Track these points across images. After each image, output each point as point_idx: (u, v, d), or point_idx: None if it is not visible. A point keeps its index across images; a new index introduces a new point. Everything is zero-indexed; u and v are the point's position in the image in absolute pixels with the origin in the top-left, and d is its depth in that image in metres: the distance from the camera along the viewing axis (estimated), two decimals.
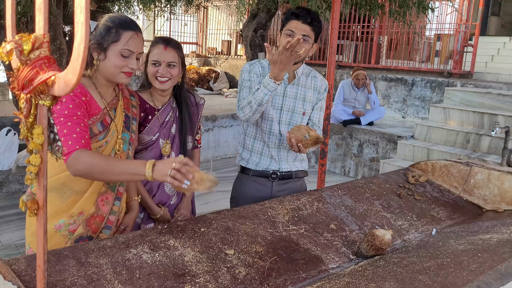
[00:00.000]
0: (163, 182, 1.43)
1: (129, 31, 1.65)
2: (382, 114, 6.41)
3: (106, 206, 1.75)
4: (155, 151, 2.07)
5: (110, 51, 1.63)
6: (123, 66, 1.65)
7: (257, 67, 2.26)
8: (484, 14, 8.91)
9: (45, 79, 0.81)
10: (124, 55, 1.64)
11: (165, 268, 1.39)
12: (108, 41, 1.62)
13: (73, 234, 1.70)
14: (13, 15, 0.92)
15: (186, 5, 7.05)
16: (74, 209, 1.70)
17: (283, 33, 2.17)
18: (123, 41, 1.63)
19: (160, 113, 2.07)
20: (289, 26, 2.15)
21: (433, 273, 1.45)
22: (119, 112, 1.79)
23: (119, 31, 1.63)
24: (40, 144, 0.86)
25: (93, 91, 1.66)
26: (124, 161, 1.52)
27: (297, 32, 2.10)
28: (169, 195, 2.16)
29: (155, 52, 2.00)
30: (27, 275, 1.22)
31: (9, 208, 4.20)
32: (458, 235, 1.92)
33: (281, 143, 2.27)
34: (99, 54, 1.64)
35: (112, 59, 1.63)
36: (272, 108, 2.23)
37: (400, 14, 4.65)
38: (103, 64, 1.65)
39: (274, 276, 1.50)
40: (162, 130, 2.08)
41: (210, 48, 12.78)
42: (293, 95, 2.25)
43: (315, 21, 2.14)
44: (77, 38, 0.73)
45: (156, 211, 2.10)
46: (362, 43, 8.93)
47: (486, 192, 2.40)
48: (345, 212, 2.03)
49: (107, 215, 1.75)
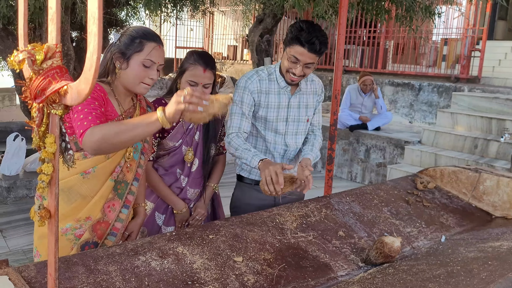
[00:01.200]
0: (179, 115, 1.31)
1: (152, 42, 1.68)
2: (389, 119, 6.39)
3: (112, 212, 1.75)
4: (178, 156, 2.11)
5: (133, 60, 1.65)
6: (144, 77, 1.67)
7: (255, 82, 2.15)
8: (491, 18, 8.86)
9: (57, 89, 0.82)
10: (146, 65, 1.66)
11: (174, 276, 1.39)
12: (131, 51, 1.65)
13: (79, 239, 1.71)
14: (25, 24, 0.93)
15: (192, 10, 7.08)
16: (81, 214, 1.70)
17: (287, 54, 2.06)
18: (146, 52, 1.66)
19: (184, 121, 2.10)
20: (294, 51, 2.03)
21: (443, 281, 1.44)
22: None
23: (142, 42, 1.66)
24: (52, 153, 0.87)
25: (111, 98, 1.69)
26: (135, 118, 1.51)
27: (302, 60, 2.03)
28: (190, 200, 2.20)
29: (194, 73, 2.02)
30: (37, 282, 1.23)
31: (16, 214, 4.22)
32: (468, 242, 1.91)
33: (285, 153, 2.27)
34: (122, 63, 1.67)
35: (134, 68, 1.66)
36: (278, 122, 2.21)
37: (406, 19, 4.63)
38: (125, 73, 1.67)
39: (283, 283, 1.49)
40: (186, 137, 2.12)
41: (216, 53, 12.82)
42: (296, 104, 2.24)
43: (324, 47, 2.03)
44: (90, 48, 0.73)
45: (181, 205, 2.14)
46: (368, 48, 8.93)
47: (495, 199, 2.38)
48: (354, 219, 2.02)
49: (113, 222, 1.76)
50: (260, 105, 2.16)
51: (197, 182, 2.20)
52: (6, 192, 4.49)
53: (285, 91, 2.19)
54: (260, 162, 1.93)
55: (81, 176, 1.68)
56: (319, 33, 2.00)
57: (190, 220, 2.20)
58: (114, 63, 1.68)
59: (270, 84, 2.17)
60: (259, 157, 1.95)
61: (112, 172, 1.73)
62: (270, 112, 2.17)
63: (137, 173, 1.82)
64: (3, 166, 4.64)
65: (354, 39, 9.13)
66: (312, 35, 1.98)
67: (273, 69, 2.20)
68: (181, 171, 2.14)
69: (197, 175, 2.19)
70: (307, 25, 2.00)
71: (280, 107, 2.19)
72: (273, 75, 2.19)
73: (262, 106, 2.16)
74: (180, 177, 2.15)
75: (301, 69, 2.06)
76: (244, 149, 2.01)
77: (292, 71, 2.08)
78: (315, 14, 4.90)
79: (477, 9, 7.52)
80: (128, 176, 1.79)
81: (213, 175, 2.27)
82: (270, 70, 2.21)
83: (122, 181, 1.77)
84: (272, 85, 2.17)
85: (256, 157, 1.96)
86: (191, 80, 2.03)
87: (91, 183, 1.69)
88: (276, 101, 2.17)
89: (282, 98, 2.19)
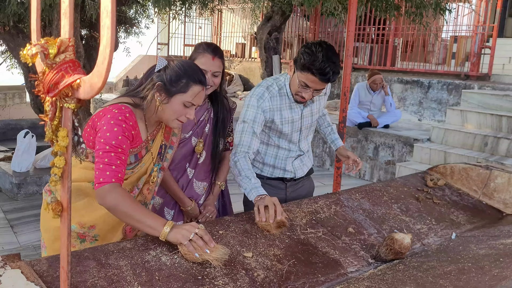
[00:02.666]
0: (177, 244, 1.44)
1: (198, 85, 1.64)
2: (398, 117, 6.36)
3: (133, 232, 1.81)
4: (187, 148, 2.12)
5: (175, 99, 1.62)
6: (182, 115, 1.65)
7: (267, 101, 2.10)
8: (502, 15, 8.78)
9: (70, 82, 0.82)
10: (187, 106, 1.64)
11: (184, 270, 1.39)
12: (176, 90, 1.61)
13: (82, 240, 1.72)
14: (38, 19, 0.94)
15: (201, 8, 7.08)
16: (85, 219, 1.71)
17: (298, 78, 1.99)
18: (191, 95, 1.63)
19: (196, 112, 2.10)
20: (306, 78, 1.96)
21: (454, 278, 1.43)
22: (157, 142, 1.78)
23: (189, 84, 1.62)
24: (64, 147, 0.87)
25: (140, 123, 1.65)
26: (146, 213, 1.49)
27: (313, 87, 1.98)
28: (198, 194, 2.21)
29: (203, 61, 2.01)
30: (49, 276, 1.24)
31: (27, 210, 4.26)
32: (479, 240, 1.90)
33: (298, 156, 2.29)
34: (163, 98, 1.62)
35: (175, 106, 1.62)
36: (293, 131, 2.21)
37: (416, 15, 4.60)
38: (163, 107, 1.63)
39: (293, 279, 1.49)
40: (196, 129, 2.13)
41: (225, 51, 12.78)
42: (309, 114, 2.24)
43: (336, 75, 1.96)
44: (103, 42, 0.74)
45: (187, 203, 2.15)
46: (377, 46, 8.88)
47: (506, 196, 2.36)
48: (363, 216, 2.02)
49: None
50: (273, 121, 2.14)
51: (204, 175, 2.20)
52: (16, 188, 4.53)
53: (297, 105, 2.16)
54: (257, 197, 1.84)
55: (91, 185, 1.67)
56: (333, 60, 1.90)
57: (200, 218, 2.20)
58: (153, 92, 1.62)
59: (281, 99, 2.13)
60: (257, 192, 1.84)
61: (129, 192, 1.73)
62: (285, 127, 2.17)
63: (155, 192, 1.88)
64: (13, 163, 4.68)
65: (363, 37, 9.09)
66: (325, 64, 1.88)
67: (282, 82, 2.14)
68: (188, 163, 2.15)
69: (204, 167, 2.19)
70: (321, 52, 1.89)
71: (294, 120, 2.18)
72: (283, 89, 2.13)
73: (276, 122, 2.14)
74: (187, 169, 2.15)
75: (310, 94, 2.02)
76: (245, 176, 1.92)
77: (301, 95, 2.04)
78: (324, 11, 4.88)
79: (488, 6, 7.45)
80: (148, 196, 1.83)
81: (220, 172, 2.28)
82: (280, 83, 2.14)
83: (141, 201, 1.79)
84: (283, 100, 2.13)
85: (254, 190, 1.86)
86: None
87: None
88: (290, 116, 2.16)
89: (295, 111, 2.17)
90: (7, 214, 4.17)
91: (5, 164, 4.88)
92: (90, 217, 1.71)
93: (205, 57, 2.02)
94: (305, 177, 2.40)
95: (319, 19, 9.81)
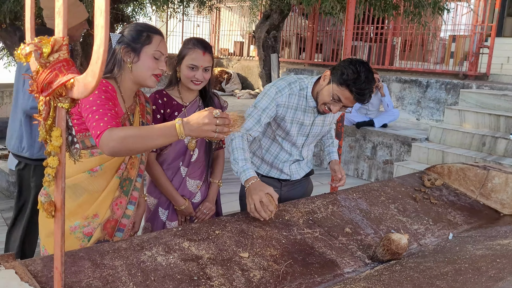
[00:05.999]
0: (201, 137, 1.36)
1: (158, 35, 1.71)
2: (396, 116, 6.36)
3: (120, 210, 1.77)
4: (180, 145, 2.11)
5: (143, 53, 1.67)
6: (155, 68, 1.69)
7: (285, 96, 2.08)
8: (500, 15, 8.79)
9: (64, 82, 0.81)
10: (156, 57, 1.69)
11: (179, 271, 1.39)
12: (140, 44, 1.67)
13: (89, 238, 1.70)
14: (32, 17, 0.93)
15: (199, 6, 7.07)
16: (89, 211, 1.71)
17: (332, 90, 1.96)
18: (155, 44, 1.69)
19: (187, 110, 2.11)
20: (341, 93, 1.93)
21: (451, 279, 1.43)
22: (137, 117, 1.81)
23: (150, 35, 1.68)
24: (58, 147, 0.86)
25: (118, 95, 1.68)
26: (151, 127, 1.45)
27: (345, 103, 1.96)
28: (192, 193, 2.19)
29: (194, 57, 2.02)
30: (43, 276, 1.23)
31: None
32: (476, 240, 1.89)
33: (297, 161, 2.29)
34: (132, 57, 1.68)
35: (145, 61, 1.67)
36: (298, 136, 2.19)
37: (415, 15, 4.60)
38: (136, 67, 1.68)
39: (289, 279, 1.48)
40: None
41: (223, 49, 12.81)
42: (320, 123, 2.21)
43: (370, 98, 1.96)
44: (97, 41, 0.73)
45: (181, 202, 2.14)
46: (376, 45, 8.88)
47: (503, 196, 2.36)
48: (360, 216, 2.01)
49: (120, 219, 1.77)
50: (284, 119, 2.12)
51: (197, 173, 2.19)
52: (13, 187, 4.51)
53: (313, 110, 2.14)
54: (247, 181, 1.83)
55: (88, 174, 1.68)
56: (372, 83, 1.91)
57: (197, 214, 2.20)
58: (123, 58, 1.68)
59: (299, 100, 2.10)
60: (246, 176, 1.84)
61: (117, 169, 1.73)
62: (293, 128, 2.15)
63: (140, 169, 1.84)
64: (10, 161, 4.66)
65: (362, 36, 9.08)
66: (366, 86, 1.89)
67: (305, 84, 2.11)
68: (182, 162, 2.14)
69: (197, 165, 2.18)
70: (363, 72, 1.89)
71: (304, 124, 2.16)
72: (304, 91, 2.10)
73: (286, 120, 2.13)
74: (181, 168, 2.15)
75: (339, 108, 2.01)
76: (234, 159, 1.93)
77: (329, 107, 2.02)
78: (322, 10, 4.88)
79: (486, 6, 7.45)
80: (132, 173, 1.80)
81: (216, 171, 2.27)
82: (303, 85, 2.11)
83: (126, 178, 1.78)
84: (301, 101, 2.11)
85: (242, 174, 1.87)
86: (191, 64, 2.02)
87: (98, 180, 1.70)
88: (301, 118, 2.14)
89: (307, 116, 2.14)
90: (3, 212, 4.15)
91: (1, 162, 4.86)
92: (93, 207, 1.71)
93: (196, 53, 2.02)
94: (303, 178, 2.38)
95: (317, 17, 9.81)
